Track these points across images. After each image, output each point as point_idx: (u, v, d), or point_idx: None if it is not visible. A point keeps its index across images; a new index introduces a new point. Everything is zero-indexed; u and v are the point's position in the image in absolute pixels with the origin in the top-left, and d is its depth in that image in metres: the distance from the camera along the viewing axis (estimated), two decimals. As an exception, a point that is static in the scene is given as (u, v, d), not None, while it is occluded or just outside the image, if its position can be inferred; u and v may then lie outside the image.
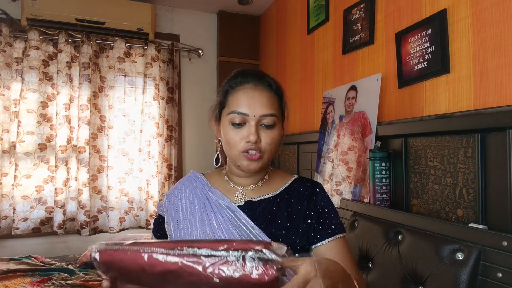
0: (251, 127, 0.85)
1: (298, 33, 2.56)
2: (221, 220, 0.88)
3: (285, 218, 0.89)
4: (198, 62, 3.18)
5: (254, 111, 0.85)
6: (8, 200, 2.53)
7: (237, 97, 0.88)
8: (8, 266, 2.06)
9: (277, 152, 0.93)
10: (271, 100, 0.88)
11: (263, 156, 0.87)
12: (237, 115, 0.86)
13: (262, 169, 0.94)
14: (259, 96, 0.87)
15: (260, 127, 0.86)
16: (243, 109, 0.85)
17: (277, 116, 0.88)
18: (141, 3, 2.81)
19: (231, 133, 0.87)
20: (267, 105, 0.86)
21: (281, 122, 0.91)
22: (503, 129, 1.10)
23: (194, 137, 3.16)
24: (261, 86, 0.88)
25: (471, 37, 1.27)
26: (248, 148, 0.85)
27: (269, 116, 0.86)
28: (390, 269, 1.24)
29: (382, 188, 1.52)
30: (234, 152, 0.88)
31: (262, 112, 0.85)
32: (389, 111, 1.65)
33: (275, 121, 0.87)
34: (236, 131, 0.86)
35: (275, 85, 0.91)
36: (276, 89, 0.91)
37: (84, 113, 2.66)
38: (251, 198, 0.92)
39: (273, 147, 0.88)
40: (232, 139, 0.87)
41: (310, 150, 2.28)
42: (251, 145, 0.85)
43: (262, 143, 0.86)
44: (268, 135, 0.87)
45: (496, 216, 1.13)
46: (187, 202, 0.94)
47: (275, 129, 0.88)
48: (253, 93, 0.87)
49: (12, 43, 2.57)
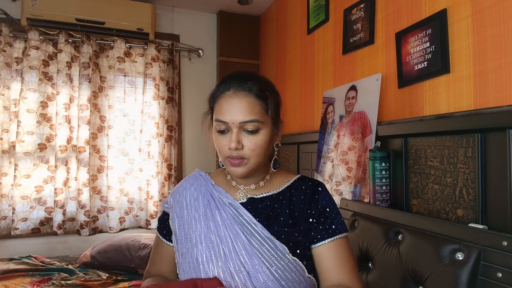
0: (233, 134, 0.86)
1: (298, 33, 2.56)
2: (225, 217, 0.89)
3: (287, 215, 0.90)
4: (198, 62, 3.18)
5: (234, 118, 0.85)
6: (7, 200, 2.53)
7: (219, 104, 0.89)
8: (8, 266, 2.06)
9: (267, 153, 0.92)
10: (251, 105, 0.86)
11: (248, 161, 0.87)
12: (220, 123, 0.87)
13: (259, 171, 0.94)
14: (238, 103, 0.86)
15: (244, 133, 0.87)
16: (223, 117, 0.86)
17: (260, 121, 0.86)
18: (141, 3, 2.81)
19: (217, 139, 0.89)
20: (246, 112, 0.85)
21: (268, 125, 0.89)
22: (503, 129, 1.10)
23: (194, 137, 3.16)
24: (241, 92, 0.87)
25: (471, 37, 1.27)
26: (230, 155, 0.87)
27: (249, 122, 0.85)
28: (390, 269, 1.24)
29: (382, 188, 1.52)
30: (221, 157, 0.91)
31: (241, 119, 0.85)
32: (389, 111, 1.65)
33: (257, 126, 0.86)
34: (222, 137, 0.88)
35: (256, 88, 0.87)
36: (258, 92, 0.87)
37: (84, 113, 2.66)
38: (253, 195, 0.94)
39: (258, 151, 0.87)
40: (218, 145, 0.89)
41: (310, 150, 2.28)
42: (232, 152, 0.86)
43: (245, 149, 0.86)
44: (251, 140, 0.86)
45: (496, 216, 1.13)
46: (191, 199, 0.96)
47: (259, 133, 0.87)
48: (232, 100, 0.86)
49: (12, 43, 2.57)
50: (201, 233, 0.90)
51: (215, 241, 0.87)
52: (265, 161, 0.93)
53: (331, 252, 0.87)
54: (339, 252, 0.87)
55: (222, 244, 0.86)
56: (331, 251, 0.87)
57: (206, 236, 0.89)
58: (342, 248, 0.88)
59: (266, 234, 0.86)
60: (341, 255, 0.87)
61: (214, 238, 0.88)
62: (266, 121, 0.88)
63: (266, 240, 0.85)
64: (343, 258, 0.87)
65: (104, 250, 2.22)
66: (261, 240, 0.85)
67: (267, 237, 0.86)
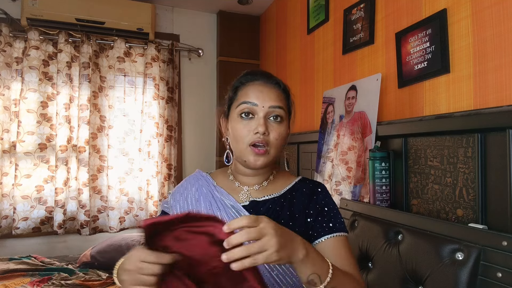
0: (260, 119, 0.87)
1: (298, 33, 2.56)
2: (226, 219, 0.88)
3: (288, 218, 0.89)
4: (198, 62, 3.18)
5: (264, 102, 0.87)
6: (8, 200, 2.54)
7: (246, 91, 0.90)
8: (8, 266, 2.06)
9: (282, 149, 0.93)
10: (280, 96, 0.91)
11: (270, 151, 0.88)
12: (247, 105, 0.88)
13: (268, 168, 0.94)
14: (268, 91, 0.89)
15: (269, 121, 0.88)
16: (252, 99, 0.88)
17: (285, 111, 0.90)
18: (141, 3, 2.81)
19: (239, 126, 0.88)
20: (275, 99, 0.89)
21: (287, 120, 0.93)
22: (503, 129, 1.10)
23: (194, 137, 3.16)
24: (270, 83, 0.91)
25: (471, 37, 1.27)
26: (255, 141, 0.86)
27: (278, 108, 0.88)
28: (390, 269, 1.24)
29: (382, 188, 1.52)
30: (241, 145, 0.88)
31: (271, 103, 0.87)
32: (389, 111, 1.65)
33: (283, 115, 0.89)
34: (244, 123, 0.88)
35: (283, 84, 0.94)
36: (284, 88, 0.94)
37: (84, 113, 2.66)
38: (255, 198, 0.93)
39: (280, 142, 0.89)
40: (240, 131, 0.88)
41: (310, 150, 2.28)
42: (259, 136, 0.85)
43: (270, 136, 0.87)
44: (276, 129, 0.88)
45: (496, 216, 1.13)
46: (193, 199, 0.95)
47: (282, 124, 0.89)
48: (263, 88, 0.90)
49: (12, 43, 2.57)
50: None
51: None
52: (277, 157, 0.93)
53: (329, 249, 0.84)
54: (338, 248, 0.85)
55: None
56: (330, 247, 0.84)
57: None
58: (341, 245, 0.86)
59: None
60: (341, 252, 0.84)
61: None
62: (286, 117, 0.92)
63: None
64: (343, 255, 0.84)
65: (104, 250, 2.23)
66: None
67: None
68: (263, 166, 0.89)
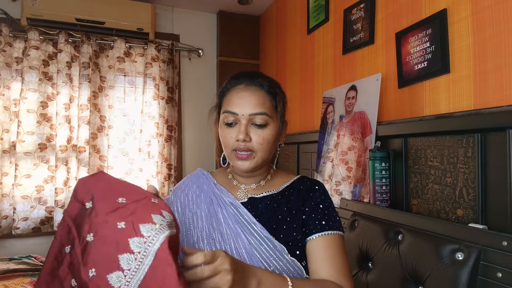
0: (241, 126, 0.87)
1: (298, 33, 2.56)
2: (226, 216, 0.90)
3: (285, 214, 0.90)
4: (198, 62, 3.18)
5: (244, 110, 0.87)
6: (8, 200, 2.53)
7: (229, 97, 0.90)
8: (8, 266, 2.06)
9: (272, 151, 0.93)
10: (262, 99, 0.89)
11: (256, 155, 0.88)
12: (229, 114, 0.88)
13: (262, 169, 0.95)
14: (249, 96, 0.88)
15: (252, 126, 0.88)
16: (233, 109, 0.88)
17: (269, 115, 0.89)
18: (141, 3, 2.80)
19: (224, 133, 0.90)
20: (256, 104, 0.87)
21: (276, 121, 0.91)
22: (503, 129, 1.10)
23: (194, 137, 3.15)
24: (252, 86, 0.90)
25: (471, 37, 1.27)
26: (237, 148, 0.87)
27: (258, 115, 0.87)
28: (390, 269, 1.24)
29: (382, 188, 1.52)
30: (227, 151, 0.91)
31: (251, 111, 0.87)
32: (389, 111, 1.65)
33: (266, 120, 0.88)
34: (229, 130, 0.89)
35: (267, 84, 0.91)
36: (269, 88, 0.91)
37: (84, 113, 2.66)
38: (253, 195, 0.94)
39: (265, 146, 0.88)
40: (225, 138, 0.90)
41: (310, 150, 2.28)
42: (239, 144, 0.87)
43: (253, 142, 0.87)
44: (259, 134, 0.88)
45: (496, 216, 1.13)
46: (193, 196, 0.97)
47: (267, 128, 0.88)
48: (244, 93, 0.89)
49: (12, 43, 2.57)
50: (203, 230, 0.90)
51: (217, 239, 0.88)
52: (269, 158, 0.93)
53: (320, 246, 0.85)
54: (330, 247, 0.85)
55: (224, 242, 0.87)
56: (319, 246, 0.85)
57: (208, 234, 0.89)
58: (333, 244, 0.86)
59: (265, 234, 0.86)
60: (332, 251, 0.84)
61: (216, 236, 0.88)
62: (274, 117, 0.90)
63: (264, 239, 0.85)
64: (334, 254, 0.84)
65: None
66: (260, 239, 0.85)
67: (266, 237, 0.86)
68: (251, 170, 0.90)
